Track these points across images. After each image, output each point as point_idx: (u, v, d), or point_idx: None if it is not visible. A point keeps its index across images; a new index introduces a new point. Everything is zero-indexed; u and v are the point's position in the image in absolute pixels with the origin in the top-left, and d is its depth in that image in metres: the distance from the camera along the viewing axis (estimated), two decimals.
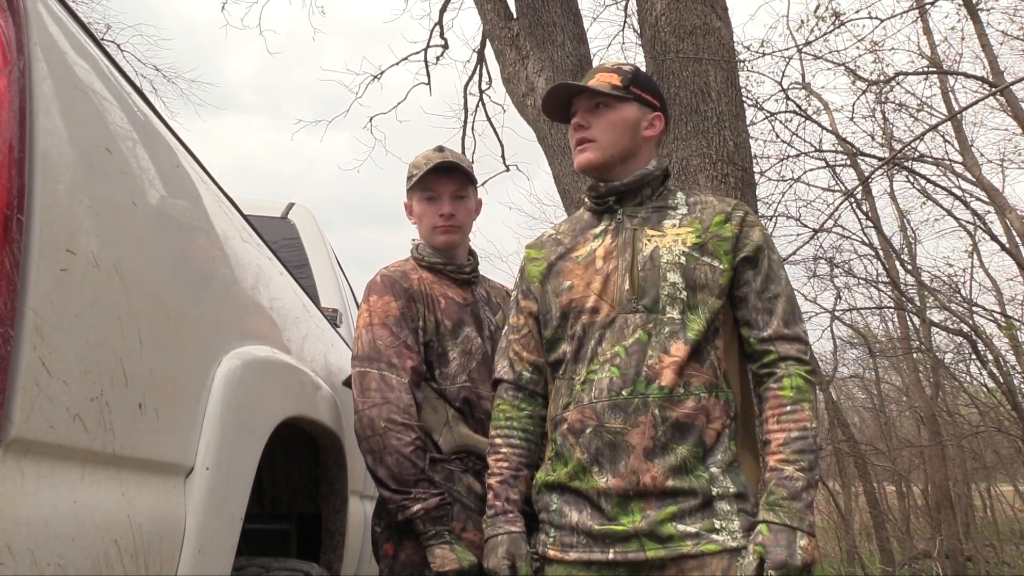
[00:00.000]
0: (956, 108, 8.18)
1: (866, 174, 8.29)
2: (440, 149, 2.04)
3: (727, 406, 1.51)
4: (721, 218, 1.60)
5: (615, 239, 1.62)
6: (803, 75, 8.32)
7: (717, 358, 1.53)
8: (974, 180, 8.42)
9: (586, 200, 1.72)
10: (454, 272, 2.03)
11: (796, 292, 1.68)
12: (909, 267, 10.65)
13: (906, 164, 8.59)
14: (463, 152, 6.98)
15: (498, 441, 1.68)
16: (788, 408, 1.48)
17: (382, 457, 1.76)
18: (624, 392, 1.49)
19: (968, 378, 11.29)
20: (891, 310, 11.62)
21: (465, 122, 7.67)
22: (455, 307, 1.97)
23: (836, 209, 7.94)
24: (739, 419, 1.54)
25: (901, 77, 7.54)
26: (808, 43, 5.67)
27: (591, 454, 1.50)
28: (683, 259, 1.54)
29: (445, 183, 2.00)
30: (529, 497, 1.65)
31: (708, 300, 1.53)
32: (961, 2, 7.07)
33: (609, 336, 1.53)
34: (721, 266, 1.55)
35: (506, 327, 1.78)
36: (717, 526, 1.42)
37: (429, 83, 7.81)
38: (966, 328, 9.17)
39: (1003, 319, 9.59)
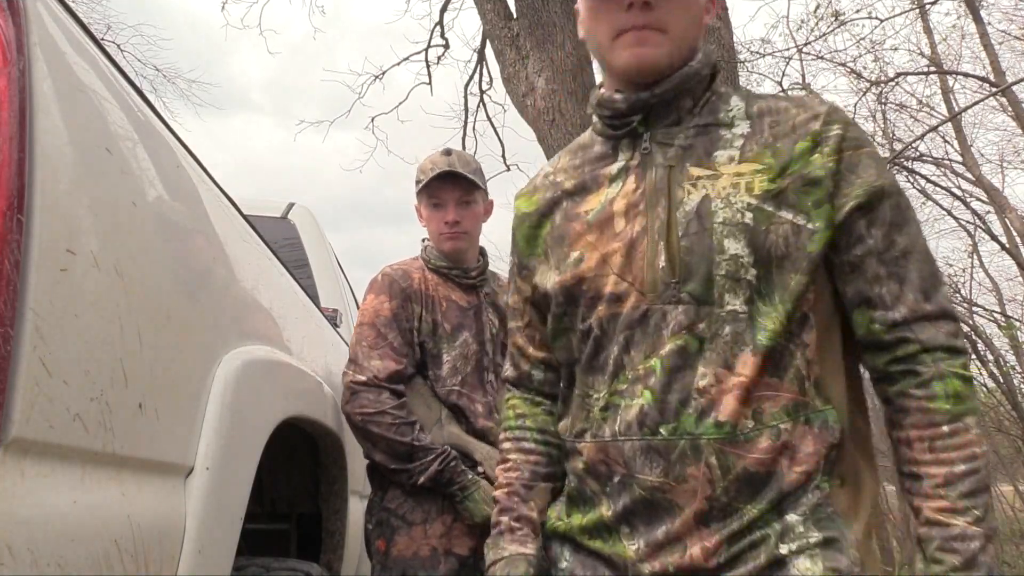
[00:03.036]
0: (956, 108, 8.18)
1: None
2: (447, 152, 2.01)
3: (824, 431, 1.00)
4: (807, 144, 1.01)
5: (640, 182, 1.07)
6: (803, 75, 8.32)
7: (805, 361, 1.00)
8: (974, 180, 8.44)
9: (595, 120, 1.14)
10: (459, 276, 2.03)
11: None
12: None
13: (906, 164, 8.59)
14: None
15: (507, 446, 1.24)
16: (945, 429, 0.98)
17: (374, 443, 1.85)
18: (663, 430, 1.00)
19: None
20: None
21: (466, 122, 7.68)
22: (456, 311, 1.98)
23: None
24: (842, 444, 1.02)
25: (901, 77, 7.54)
26: (808, 43, 5.67)
27: (617, 512, 1.05)
28: (749, 217, 1.00)
29: (450, 190, 1.99)
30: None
31: (791, 280, 0.99)
32: (962, 1, 7.07)
33: (639, 340, 1.03)
34: (810, 225, 1.00)
35: (509, 311, 1.31)
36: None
37: (430, 83, 7.81)
38: (966, 328, 9.18)
39: (1003, 319, 9.61)
